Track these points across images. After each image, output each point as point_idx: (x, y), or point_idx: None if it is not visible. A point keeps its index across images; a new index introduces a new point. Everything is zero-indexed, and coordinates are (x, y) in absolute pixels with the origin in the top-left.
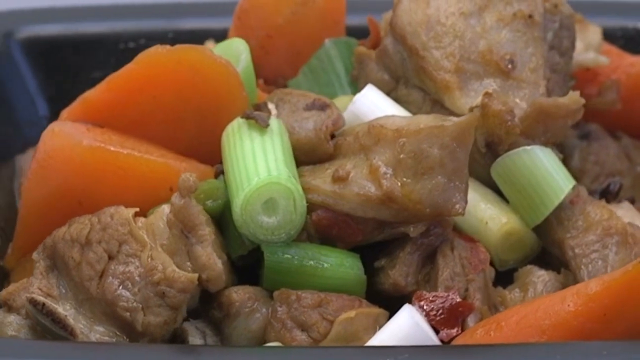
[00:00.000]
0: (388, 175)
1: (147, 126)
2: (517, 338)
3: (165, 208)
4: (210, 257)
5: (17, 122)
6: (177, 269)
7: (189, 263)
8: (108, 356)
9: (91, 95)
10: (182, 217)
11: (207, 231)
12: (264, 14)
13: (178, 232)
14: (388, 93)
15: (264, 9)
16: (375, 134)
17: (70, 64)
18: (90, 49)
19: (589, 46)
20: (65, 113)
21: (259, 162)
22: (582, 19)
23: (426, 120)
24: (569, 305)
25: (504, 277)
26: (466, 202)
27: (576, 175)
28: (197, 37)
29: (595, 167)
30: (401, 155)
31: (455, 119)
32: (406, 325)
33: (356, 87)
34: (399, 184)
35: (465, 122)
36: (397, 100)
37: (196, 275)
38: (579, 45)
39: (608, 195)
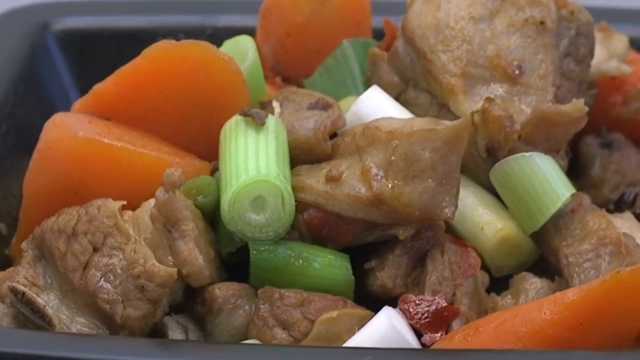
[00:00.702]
0: (379, 177)
1: (153, 120)
2: (493, 344)
3: (152, 202)
4: (192, 253)
5: (51, 114)
6: (157, 263)
7: (170, 257)
8: (82, 348)
9: (101, 87)
10: (165, 211)
11: (190, 226)
12: (284, 12)
13: (161, 226)
14: (398, 95)
15: (284, 7)
16: (370, 135)
17: (106, 57)
18: (126, 42)
19: (613, 54)
20: (77, 104)
21: (249, 160)
22: (607, 27)
23: (420, 123)
24: (545, 314)
25: (501, 284)
26: (456, 206)
27: (596, 184)
28: (235, 34)
29: (615, 176)
30: (393, 157)
31: (448, 122)
32: (382, 328)
33: None
34: (390, 185)
35: (458, 127)
36: (406, 103)
37: (175, 269)
38: (603, 53)
39: (622, 205)
